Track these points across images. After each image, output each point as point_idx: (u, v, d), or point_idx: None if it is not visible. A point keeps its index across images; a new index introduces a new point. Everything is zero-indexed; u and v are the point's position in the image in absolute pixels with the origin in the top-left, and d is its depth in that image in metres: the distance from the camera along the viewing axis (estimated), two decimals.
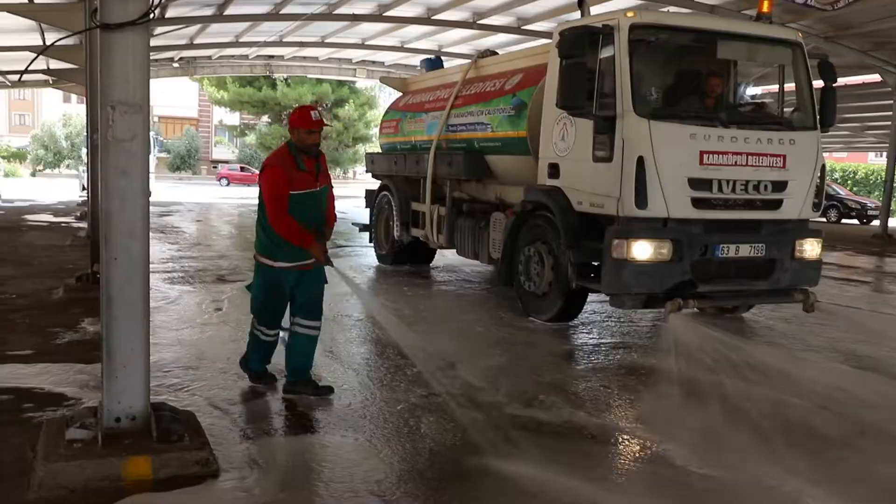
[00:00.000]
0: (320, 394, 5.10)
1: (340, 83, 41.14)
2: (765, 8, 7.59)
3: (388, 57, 24.53)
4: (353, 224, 12.89)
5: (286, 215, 4.74)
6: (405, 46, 22.12)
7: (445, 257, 11.63)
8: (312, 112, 4.95)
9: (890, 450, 4.50)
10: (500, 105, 8.69)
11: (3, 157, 43.27)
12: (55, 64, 17.82)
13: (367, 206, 12.36)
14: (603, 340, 7.34)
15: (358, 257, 12.53)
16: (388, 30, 20.18)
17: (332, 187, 5.21)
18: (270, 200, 4.80)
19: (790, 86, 7.59)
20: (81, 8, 9.92)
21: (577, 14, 7.54)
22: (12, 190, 27.70)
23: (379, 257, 11.96)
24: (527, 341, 7.08)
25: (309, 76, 33.07)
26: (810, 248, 7.37)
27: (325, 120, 5.04)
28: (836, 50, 17.33)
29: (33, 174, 50.69)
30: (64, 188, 31.30)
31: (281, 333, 5.25)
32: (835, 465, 4.22)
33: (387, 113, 12.53)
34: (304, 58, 25.66)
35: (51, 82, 23.38)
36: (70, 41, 12.51)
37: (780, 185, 7.06)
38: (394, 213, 11.15)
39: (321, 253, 4.84)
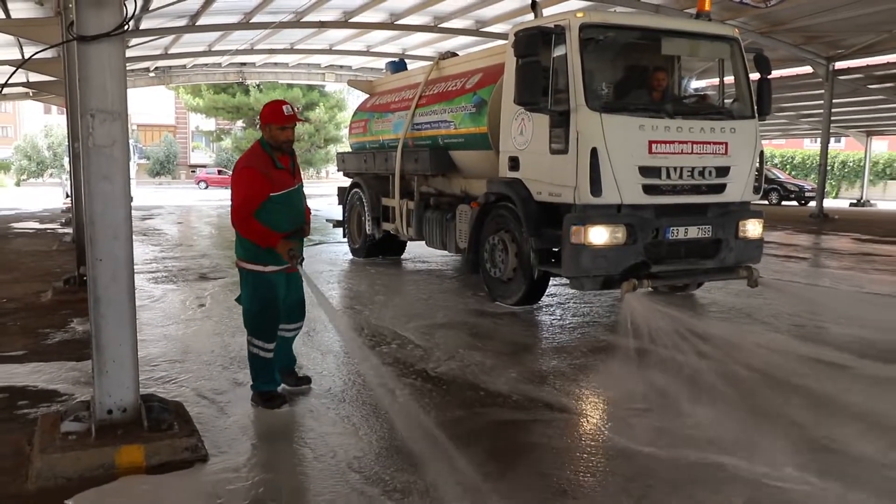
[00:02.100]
0: (300, 384, 4.93)
1: (310, 87, 40.88)
2: (704, 6, 7.69)
3: (355, 61, 24.39)
4: (326, 220, 12.84)
5: (252, 217, 4.34)
6: (371, 51, 22.03)
7: (415, 249, 11.62)
8: (285, 107, 4.47)
9: (818, 407, 4.60)
10: (462, 103, 8.70)
11: None
12: (34, 77, 17.51)
13: (339, 203, 12.32)
14: (565, 321, 7.40)
15: (332, 252, 12.47)
16: (353, 35, 20.07)
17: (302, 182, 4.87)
18: (241, 201, 4.36)
19: (729, 78, 7.69)
20: (58, 22, 9.74)
21: (530, 16, 7.56)
22: None
23: (352, 251, 11.93)
24: (494, 324, 7.12)
25: (280, 81, 32.71)
26: (753, 228, 7.48)
27: (297, 115, 4.59)
28: (770, 44, 17.58)
29: (18, 184, 49.74)
30: (48, 196, 30.85)
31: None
32: (774, 425, 4.31)
33: (355, 114, 12.47)
34: (275, 64, 25.45)
35: (31, 94, 22.93)
36: (48, 54, 12.27)
37: (723, 171, 7.16)
38: (365, 208, 11.12)
39: (286, 252, 4.35)
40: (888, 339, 6.34)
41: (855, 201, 32.56)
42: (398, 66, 12.18)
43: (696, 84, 8.63)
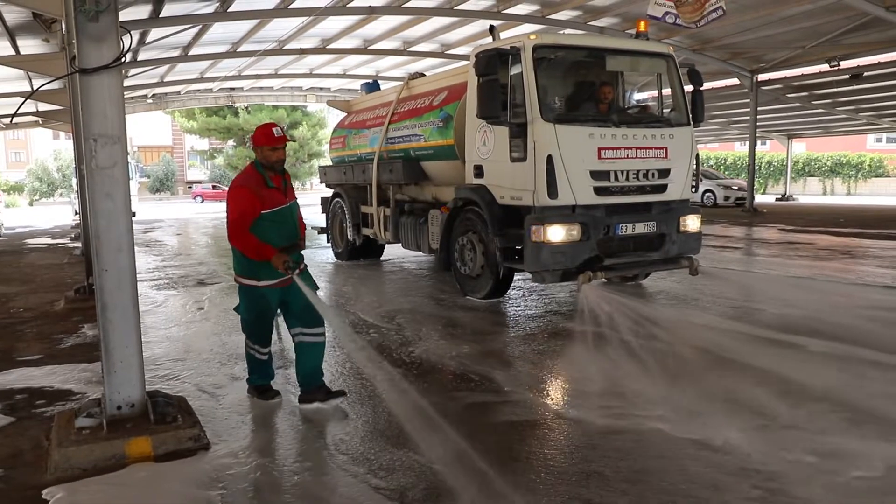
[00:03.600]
0: (332, 398, 4.46)
1: (294, 108, 40.61)
2: (641, 28, 7.78)
3: (334, 83, 24.29)
4: (311, 228, 12.69)
5: (246, 232, 4.16)
6: (347, 73, 21.95)
7: (393, 251, 11.57)
8: (275, 129, 4.31)
9: (750, 377, 4.67)
10: (430, 118, 8.67)
11: (4, 191, 41.71)
12: (43, 106, 17.31)
13: (323, 212, 12.23)
14: (529, 311, 7.41)
15: (317, 256, 12.38)
16: (331, 60, 20.00)
17: (296, 199, 4.58)
18: (235, 217, 4.17)
19: (667, 90, 7.77)
20: (63, 56, 9.61)
21: (489, 39, 7.56)
22: (13, 218, 26.66)
23: (336, 254, 11.85)
24: (465, 316, 7.11)
25: (266, 103, 32.49)
26: (692, 223, 7.55)
27: (286, 136, 4.40)
28: (702, 59, 17.82)
29: (31, 204, 48.81)
30: (59, 214, 30.29)
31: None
32: (713, 395, 4.37)
33: (335, 131, 12.38)
34: (261, 88, 25.26)
35: (40, 122, 22.51)
36: (55, 85, 12.12)
37: (664, 173, 7.22)
38: (346, 216, 11.06)
39: (281, 263, 4.13)
40: (810, 317, 6.43)
41: (780, 196, 33.09)
42: (372, 86, 12.12)
43: (637, 96, 8.70)
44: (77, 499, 3.22)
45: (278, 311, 4.56)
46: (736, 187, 26.38)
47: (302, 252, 4.55)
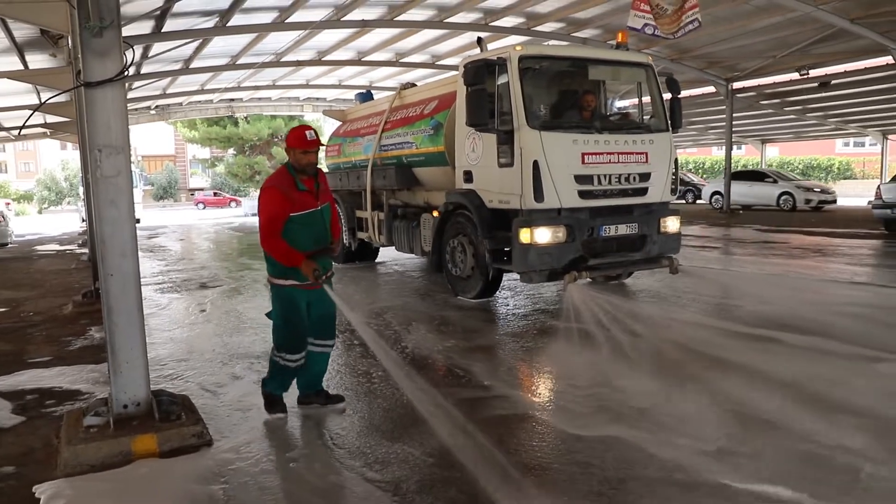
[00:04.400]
0: (331, 402, 4.31)
1: (291, 117, 40.26)
2: (621, 39, 7.80)
3: (329, 94, 24.25)
4: None
5: (277, 236, 3.91)
6: (342, 84, 21.93)
7: (387, 254, 11.55)
8: (308, 132, 4.02)
9: (729, 372, 4.68)
10: (422, 126, 8.67)
11: (14, 200, 41.44)
12: (51, 118, 17.17)
13: None
14: (517, 310, 7.42)
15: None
16: (327, 71, 19.98)
17: (334, 203, 4.35)
18: (265, 221, 3.91)
19: (646, 98, 7.79)
20: (69, 70, 9.53)
21: (477, 50, 7.57)
22: (23, 226, 26.61)
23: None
24: (457, 315, 7.11)
25: (265, 113, 32.27)
26: (672, 224, 7.57)
27: (320, 139, 4.10)
28: (679, 69, 17.90)
29: (40, 212, 48.56)
30: (67, 222, 30.21)
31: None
32: (694, 389, 4.37)
33: (330, 139, 12.35)
34: (260, 98, 25.20)
35: (48, 133, 22.33)
36: (62, 98, 12.05)
37: (644, 176, 7.24)
38: (342, 220, 11.04)
39: (310, 271, 3.90)
40: (784, 313, 6.46)
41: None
42: (366, 96, 12.11)
43: (619, 104, 8.73)
44: (85, 494, 3.20)
45: None
46: (818, 189, 23.55)
47: (332, 259, 4.28)
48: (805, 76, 18.15)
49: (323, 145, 4.24)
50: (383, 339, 6.02)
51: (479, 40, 7.65)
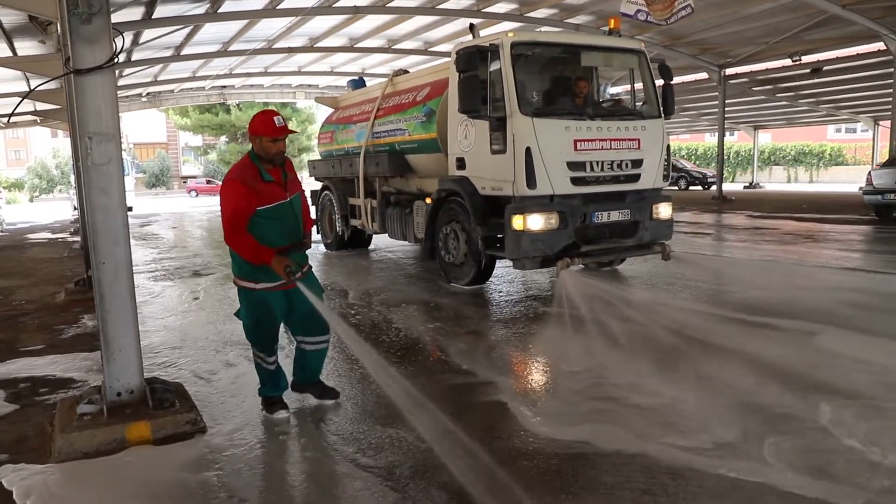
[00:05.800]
0: (325, 397, 4.14)
1: (283, 104, 40.19)
2: (614, 25, 7.77)
3: (321, 80, 24.14)
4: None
5: (242, 232, 3.59)
6: (334, 71, 21.84)
7: (380, 241, 11.55)
8: (276, 118, 3.66)
9: (720, 358, 4.69)
10: (414, 113, 8.63)
11: (5, 188, 41.13)
12: (41, 105, 17.08)
13: (312, 205, 12.16)
14: (510, 296, 7.44)
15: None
16: (319, 58, 19.87)
17: (303, 192, 3.97)
18: (228, 216, 3.60)
19: (639, 84, 7.76)
20: (59, 57, 9.42)
21: (469, 36, 7.53)
22: (14, 215, 26.43)
23: (325, 245, 11.81)
24: (450, 302, 7.12)
25: (257, 100, 32.11)
26: (664, 210, 7.58)
27: (288, 126, 3.75)
28: (672, 55, 17.89)
29: (31, 200, 48.15)
30: (58, 210, 29.99)
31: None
32: (685, 375, 4.39)
33: (323, 126, 12.31)
34: (252, 85, 25.09)
35: (39, 121, 22.20)
36: (52, 85, 11.95)
37: (637, 163, 7.23)
38: (335, 208, 11.01)
39: (282, 268, 3.58)
40: (775, 298, 6.50)
41: (748, 184, 33.33)
42: (358, 83, 12.04)
43: (611, 90, 8.72)
44: (79, 481, 3.20)
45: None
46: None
47: (307, 252, 4.00)
48: (797, 62, 18.16)
49: (293, 132, 3.98)
50: (376, 326, 6.03)
51: (472, 27, 7.61)
